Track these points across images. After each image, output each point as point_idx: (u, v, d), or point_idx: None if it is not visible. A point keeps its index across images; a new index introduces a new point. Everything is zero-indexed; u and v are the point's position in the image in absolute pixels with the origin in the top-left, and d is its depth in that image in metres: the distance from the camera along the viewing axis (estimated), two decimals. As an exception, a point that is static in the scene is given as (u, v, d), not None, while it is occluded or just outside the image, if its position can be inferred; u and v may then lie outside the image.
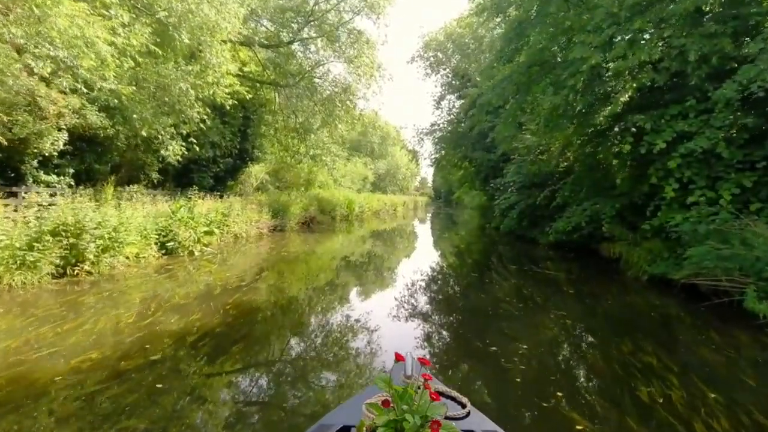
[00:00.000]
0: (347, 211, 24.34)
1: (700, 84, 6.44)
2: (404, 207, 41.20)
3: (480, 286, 7.39)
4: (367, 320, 4.90)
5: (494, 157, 18.80)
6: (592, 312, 5.67)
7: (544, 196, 12.80)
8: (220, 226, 10.77)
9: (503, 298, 6.31)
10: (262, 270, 7.70)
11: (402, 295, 6.36)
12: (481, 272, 8.81)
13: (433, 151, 23.39)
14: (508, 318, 5.22)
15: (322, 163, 16.01)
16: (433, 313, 5.63)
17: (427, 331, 4.64)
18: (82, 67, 6.84)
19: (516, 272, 8.51)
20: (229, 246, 10.59)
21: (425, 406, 1.12)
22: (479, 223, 24.25)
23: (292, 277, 7.50)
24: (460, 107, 22.82)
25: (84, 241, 6.03)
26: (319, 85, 15.74)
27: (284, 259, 9.28)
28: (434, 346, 4.28)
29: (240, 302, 5.30)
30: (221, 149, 13.81)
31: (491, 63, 9.43)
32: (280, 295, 5.93)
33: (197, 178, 14.27)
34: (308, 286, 6.84)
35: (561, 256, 10.85)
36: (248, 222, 12.83)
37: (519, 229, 14.77)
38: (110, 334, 4.06)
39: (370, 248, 12.67)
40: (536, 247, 12.93)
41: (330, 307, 5.58)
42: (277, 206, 15.06)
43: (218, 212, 10.36)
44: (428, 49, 22.80)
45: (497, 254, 12.16)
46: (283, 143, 16.26)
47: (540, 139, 12.15)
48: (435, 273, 8.98)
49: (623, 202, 8.52)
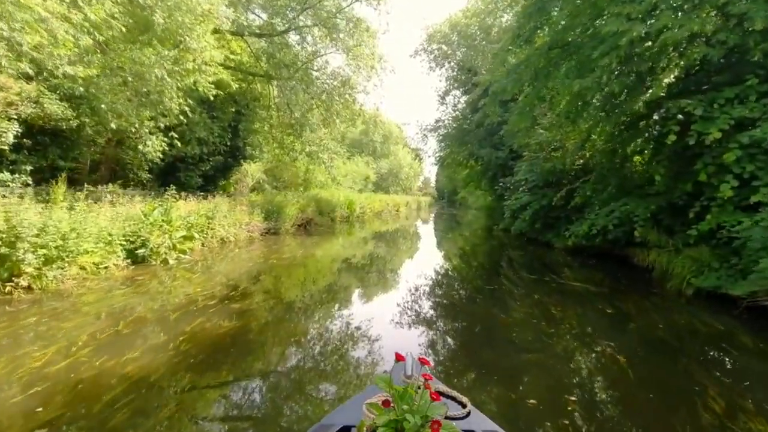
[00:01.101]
0: (347, 212, 23.30)
1: (765, 60, 5.31)
2: (407, 207, 40.12)
3: (493, 302, 6.29)
4: (365, 349, 3.83)
5: (503, 154, 17.70)
6: (646, 342, 4.51)
7: (560, 196, 11.69)
8: (204, 229, 9.72)
9: (525, 320, 5.20)
10: (242, 283, 6.63)
11: (396, 319, 5.28)
12: (491, 283, 7.70)
13: (437, 149, 22.31)
14: (539, 350, 4.12)
15: (319, 161, 14.94)
16: (437, 340, 4.53)
17: (436, 361, 3.57)
18: (28, 43, 5.80)
19: (533, 283, 7.39)
20: (213, 252, 9.54)
21: (425, 406, 1.13)
22: (485, 224, 23.14)
23: (276, 292, 6.42)
24: (466, 102, 21.72)
25: (20, 251, 4.98)
26: (316, 78, 14.67)
27: (271, 268, 8.21)
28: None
29: (200, 331, 4.22)
30: (210, 146, 12.78)
31: (506, 45, 8.32)
32: (254, 319, 4.82)
33: (184, 177, 13.25)
34: (293, 306, 5.71)
35: (581, 262, 9.73)
36: (237, 225, 11.78)
37: (531, 231, 13.65)
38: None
39: (369, 253, 11.58)
40: (551, 252, 11.80)
41: (321, 342, 4.46)
42: (270, 207, 14.00)
43: (199, 214, 9.30)
44: (432, 42, 21.70)
45: (508, 260, 11.04)
46: (279, 140, 15.18)
47: (555, 134, 11.03)
48: (439, 285, 7.88)
49: (659, 203, 7.40)
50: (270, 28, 13.94)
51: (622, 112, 6.26)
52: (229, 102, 13.89)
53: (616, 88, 5.92)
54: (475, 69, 20.43)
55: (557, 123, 10.45)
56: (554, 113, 9.49)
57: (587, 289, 6.86)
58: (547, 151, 13.47)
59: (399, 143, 47.51)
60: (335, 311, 5.53)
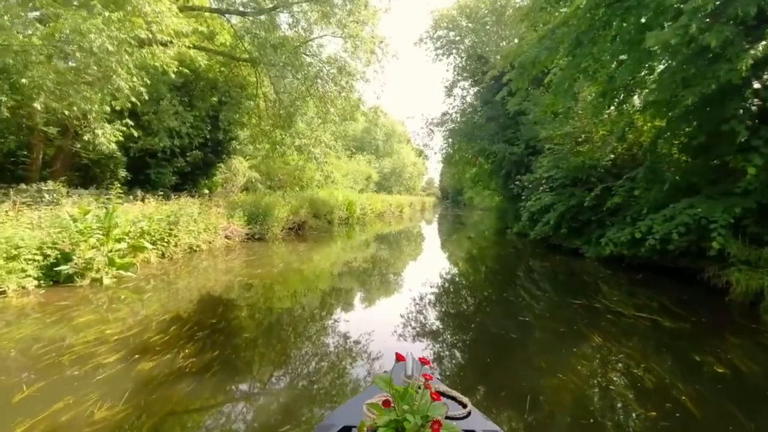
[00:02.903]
0: (347, 214, 21.56)
1: None
2: (411, 208, 38.34)
3: (522, 348, 4.47)
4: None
5: (518, 150, 15.85)
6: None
7: (593, 196, 9.85)
8: (163, 237, 7.97)
9: (584, 388, 3.39)
10: (181, 316, 4.85)
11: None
12: (513, 311, 5.85)
13: (444, 146, 20.49)
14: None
15: (311, 156, 13.17)
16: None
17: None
18: None
19: (571, 310, 5.53)
20: (177, 265, 7.80)
21: (426, 406, 1.13)
22: (496, 227, 21.30)
23: (224, 337, 4.63)
24: (475, 94, 19.90)
25: None
26: (308, 64, 12.88)
27: (239, 289, 6.44)
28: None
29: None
30: (184, 139, 11.06)
31: (538, 4, 6.50)
32: (159, 404, 3.02)
33: (154, 174, 11.53)
34: (248, 369, 3.86)
35: (628, 278, 7.88)
36: (212, 230, 10.04)
37: (555, 236, 11.82)
38: None
39: (365, 267, 9.79)
40: (581, 261, 9.98)
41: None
42: (254, 209, 12.26)
43: (153, 219, 7.52)
44: (438, 28, 19.86)
45: (528, 273, 9.19)
46: (268, 134, 13.40)
47: (590, 120, 9.18)
48: (445, 324, 6.08)
49: (748, 204, 5.57)
50: (255, 4, 12.20)
51: (713, 78, 4.45)
52: (208, 89, 12.17)
53: (713, 41, 4.11)
54: (485, 57, 18.60)
55: (594, 106, 8.61)
56: (593, 92, 7.65)
57: (657, 323, 5.01)
58: (574, 143, 11.63)
59: (402, 141, 45.71)
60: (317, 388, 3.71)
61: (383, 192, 36.58)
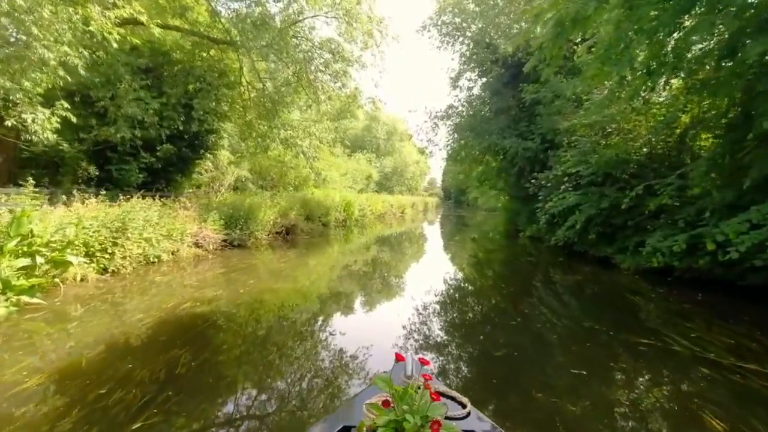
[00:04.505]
0: (344, 216, 19.98)
1: None
2: (413, 209, 36.69)
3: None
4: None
5: (533, 145, 14.22)
6: None
7: (633, 196, 8.22)
8: (105, 247, 6.38)
9: None
10: (87, 368, 3.28)
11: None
12: (559, 352, 4.23)
13: (449, 141, 18.85)
14: None
15: (298, 150, 11.57)
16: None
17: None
18: None
19: (636, 354, 3.91)
20: (123, 281, 6.22)
21: (425, 406, 1.11)
22: (506, 230, 19.70)
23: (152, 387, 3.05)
24: (483, 85, 18.27)
25: None
26: (295, 44, 11.28)
27: (181, 324, 4.85)
28: None
29: None
30: (149, 130, 9.47)
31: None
32: None
33: (116, 171, 9.96)
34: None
35: (686, 299, 6.24)
36: (178, 237, 8.46)
37: (580, 243, 10.19)
38: None
39: (356, 288, 8.21)
40: (615, 274, 8.39)
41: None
42: (235, 211, 10.67)
43: (79, 226, 5.90)
44: (443, 13, 18.25)
45: (551, 288, 7.55)
46: (251, 125, 11.79)
47: (630, 100, 7.53)
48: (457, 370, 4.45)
49: None
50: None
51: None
52: (183, 75, 10.60)
53: None
54: (494, 45, 16.98)
55: (633, 86, 6.99)
56: (638, 65, 6.02)
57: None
58: (602, 133, 10.00)
59: (404, 139, 44.09)
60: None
61: (384, 192, 34.99)
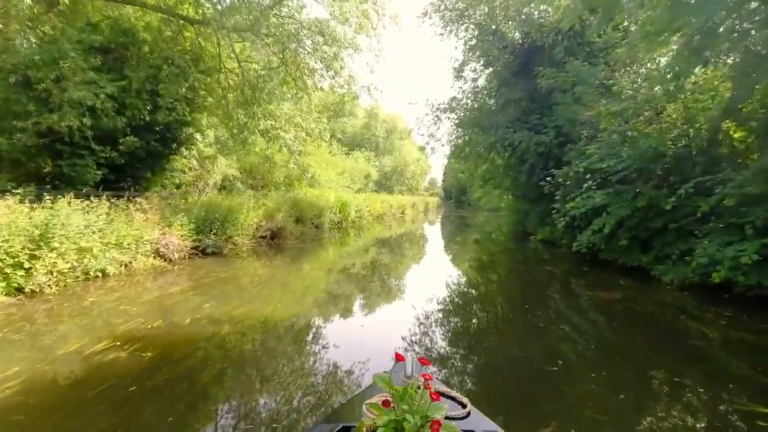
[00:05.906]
0: (340, 217, 18.57)
1: None
2: (413, 209, 35.24)
3: None
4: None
5: (547, 138, 12.80)
6: None
7: (681, 194, 6.81)
8: (21, 261, 4.97)
9: None
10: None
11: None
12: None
13: (452, 137, 17.47)
14: None
15: (280, 142, 10.17)
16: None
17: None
18: None
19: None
20: (48, 303, 4.82)
21: (425, 406, 1.10)
22: (513, 232, 18.27)
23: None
24: (490, 75, 16.87)
25: None
26: (281, 24, 9.85)
27: (91, 382, 3.44)
28: None
29: None
30: (103, 118, 8.07)
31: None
32: None
33: (68, 166, 8.54)
34: None
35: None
36: (133, 244, 7.04)
37: (608, 250, 8.78)
38: None
39: (349, 307, 6.80)
40: (656, 289, 6.97)
41: None
42: (209, 214, 9.26)
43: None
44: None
45: (584, 317, 6.11)
46: (229, 115, 10.37)
47: (674, 80, 6.17)
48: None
49: None
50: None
51: None
52: (147, 57, 9.19)
53: None
54: (501, 31, 15.59)
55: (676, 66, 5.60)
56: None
57: None
58: (637, 120, 8.57)
59: (404, 137, 42.68)
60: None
61: (383, 192, 33.57)
